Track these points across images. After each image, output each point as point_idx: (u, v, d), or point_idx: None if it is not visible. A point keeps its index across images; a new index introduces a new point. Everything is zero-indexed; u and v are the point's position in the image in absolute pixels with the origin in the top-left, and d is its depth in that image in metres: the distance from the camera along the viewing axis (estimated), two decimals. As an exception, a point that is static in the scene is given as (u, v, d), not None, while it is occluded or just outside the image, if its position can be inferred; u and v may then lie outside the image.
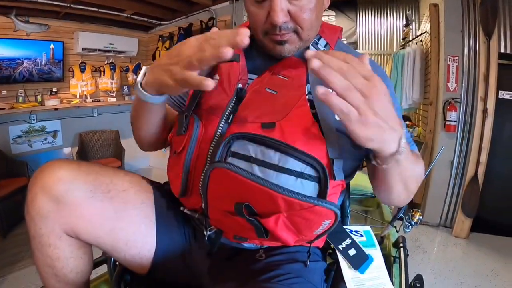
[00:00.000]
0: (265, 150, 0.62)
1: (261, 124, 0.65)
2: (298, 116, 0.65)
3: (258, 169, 0.62)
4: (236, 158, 0.63)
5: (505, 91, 2.87)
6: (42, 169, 0.71)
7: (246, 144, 0.64)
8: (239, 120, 0.68)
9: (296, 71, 0.72)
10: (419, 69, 3.41)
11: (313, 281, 0.69)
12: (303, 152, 0.61)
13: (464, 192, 2.96)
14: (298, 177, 0.61)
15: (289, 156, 0.61)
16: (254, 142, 0.63)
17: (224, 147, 0.64)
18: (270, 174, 0.61)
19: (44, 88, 3.84)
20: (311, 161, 0.61)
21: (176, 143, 0.74)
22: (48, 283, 0.78)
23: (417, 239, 2.98)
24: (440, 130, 3.06)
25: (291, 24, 0.68)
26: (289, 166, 0.61)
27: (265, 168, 0.61)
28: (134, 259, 0.77)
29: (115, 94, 4.50)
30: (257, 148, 0.63)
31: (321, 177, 0.62)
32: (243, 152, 0.63)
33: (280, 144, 0.61)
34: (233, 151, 0.64)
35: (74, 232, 0.72)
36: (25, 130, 3.80)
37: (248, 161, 0.62)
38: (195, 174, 0.70)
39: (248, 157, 0.63)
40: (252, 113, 0.67)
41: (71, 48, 4.03)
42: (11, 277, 2.32)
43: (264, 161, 0.62)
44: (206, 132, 0.70)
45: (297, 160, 0.61)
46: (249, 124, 0.66)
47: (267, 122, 0.65)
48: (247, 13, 0.74)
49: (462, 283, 2.35)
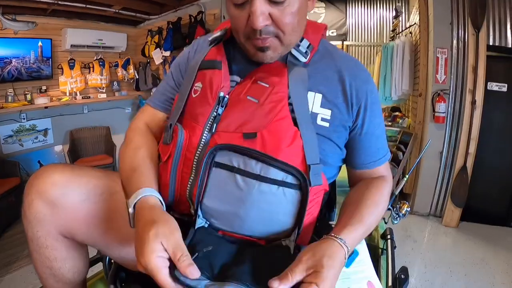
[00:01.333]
0: (247, 160, 0.65)
1: (243, 134, 0.67)
2: (279, 125, 0.67)
3: (241, 178, 0.64)
4: (220, 168, 0.66)
5: (494, 82, 2.91)
6: (37, 175, 0.73)
7: (229, 155, 0.66)
8: (222, 130, 0.69)
9: (277, 77, 0.72)
10: (409, 61, 3.44)
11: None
12: (284, 163, 0.63)
13: (453, 182, 3.01)
14: (280, 185, 0.64)
15: (270, 166, 0.64)
16: (237, 152, 0.65)
17: (208, 158, 0.66)
18: (252, 184, 0.64)
19: (33, 86, 3.80)
20: (292, 170, 0.64)
21: (162, 152, 0.75)
22: (47, 283, 0.81)
23: (408, 228, 3.03)
24: (429, 121, 3.10)
25: (272, 28, 0.67)
26: (271, 175, 0.64)
27: (247, 178, 0.64)
28: (129, 256, 0.79)
29: (105, 90, 4.47)
30: (240, 159, 0.65)
31: (302, 185, 0.65)
32: (226, 162, 0.66)
33: (261, 155, 0.64)
34: (216, 161, 0.66)
35: (70, 233, 0.74)
36: (15, 130, 3.77)
37: (231, 171, 0.65)
38: (182, 182, 0.71)
39: (231, 167, 0.65)
40: (234, 123, 0.69)
41: (60, 45, 3.99)
42: (7, 278, 2.32)
43: (246, 171, 0.64)
44: (190, 141, 0.71)
45: (278, 170, 0.64)
46: (231, 134, 0.68)
47: (248, 132, 0.67)
48: (229, 16, 0.73)
49: (452, 271, 2.40)
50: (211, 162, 0.66)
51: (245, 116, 0.69)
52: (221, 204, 0.66)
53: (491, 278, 2.31)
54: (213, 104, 0.72)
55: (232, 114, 0.70)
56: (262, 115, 0.68)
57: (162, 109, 0.89)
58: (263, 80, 0.72)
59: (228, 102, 0.72)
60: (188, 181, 0.70)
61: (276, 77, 0.72)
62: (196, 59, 0.81)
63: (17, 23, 3.57)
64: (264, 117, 0.67)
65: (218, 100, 0.72)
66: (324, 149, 0.73)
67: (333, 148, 0.76)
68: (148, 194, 0.65)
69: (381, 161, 0.82)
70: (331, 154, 0.76)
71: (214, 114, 0.71)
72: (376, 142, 0.80)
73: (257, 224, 0.65)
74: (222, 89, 0.73)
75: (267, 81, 0.72)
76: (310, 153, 0.66)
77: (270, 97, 0.69)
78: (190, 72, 0.80)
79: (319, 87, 0.74)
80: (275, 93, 0.70)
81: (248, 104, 0.70)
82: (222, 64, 0.76)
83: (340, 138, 0.76)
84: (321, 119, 0.73)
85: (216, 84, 0.74)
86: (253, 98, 0.70)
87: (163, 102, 0.89)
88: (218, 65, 0.76)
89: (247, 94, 0.71)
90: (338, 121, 0.74)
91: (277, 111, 0.68)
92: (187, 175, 0.70)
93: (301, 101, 0.70)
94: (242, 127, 0.68)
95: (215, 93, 0.73)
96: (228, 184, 0.65)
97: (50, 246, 0.75)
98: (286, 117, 0.67)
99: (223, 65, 0.76)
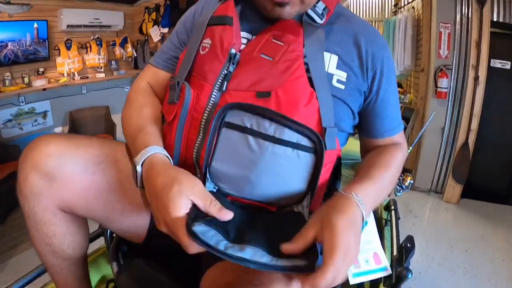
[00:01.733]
0: (260, 120, 0.61)
1: (256, 93, 0.63)
2: (294, 84, 0.63)
3: (253, 140, 0.61)
4: (230, 128, 0.62)
5: (497, 59, 2.87)
6: (30, 146, 0.69)
7: (240, 115, 0.62)
8: (233, 88, 0.66)
9: (293, 35, 0.68)
10: (411, 36, 3.37)
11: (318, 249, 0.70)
12: (299, 123, 0.60)
13: (455, 159, 3.01)
14: (294, 148, 0.61)
15: (285, 127, 0.61)
16: (249, 112, 0.62)
17: (218, 118, 0.62)
18: (265, 146, 0.61)
19: (30, 69, 3.74)
20: (307, 132, 0.61)
21: (167, 111, 0.71)
22: (46, 260, 0.79)
23: (409, 204, 3.05)
24: (431, 97, 3.07)
25: None
26: (285, 137, 0.61)
27: (260, 139, 0.61)
28: (130, 229, 0.78)
29: (103, 69, 4.41)
30: (252, 119, 0.61)
31: (317, 149, 0.62)
32: (237, 122, 0.62)
33: (276, 115, 0.60)
34: (227, 121, 0.63)
35: (68, 207, 0.71)
36: (14, 114, 3.73)
37: (243, 132, 0.62)
38: (188, 145, 0.68)
39: (243, 128, 0.62)
40: (247, 81, 0.65)
41: (55, 26, 3.90)
42: (12, 262, 2.35)
43: (259, 132, 0.61)
44: (198, 100, 0.67)
45: (293, 131, 0.61)
46: (243, 93, 0.64)
47: (262, 91, 0.63)
48: None
49: (453, 247, 2.43)
50: (221, 122, 0.63)
51: (258, 74, 0.65)
52: (231, 167, 0.63)
53: (491, 255, 2.34)
54: (224, 61, 0.68)
55: (245, 72, 0.66)
56: (277, 74, 0.64)
57: (164, 68, 0.85)
58: (278, 38, 0.68)
59: (240, 60, 0.68)
60: (195, 143, 0.67)
61: (292, 35, 0.68)
62: (205, 15, 0.76)
63: (12, 6, 3.46)
64: (279, 76, 0.64)
65: (229, 57, 0.68)
66: (339, 112, 0.70)
67: (347, 112, 0.73)
68: (157, 152, 0.62)
69: (396, 130, 0.79)
70: (344, 118, 0.73)
71: (224, 71, 0.67)
72: (392, 110, 0.77)
73: (269, 189, 0.63)
74: (234, 46, 0.69)
75: (282, 39, 0.68)
76: (326, 115, 0.64)
77: (286, 56, 0.66)
78: (198, 28, 0.75)
79: (335, 48, 0.71)
80: (291, 52, 0.66)
81: (262, 62, 0.66)
82: (234, 20, 0.72)
83: (355, 103, 0.73)
84: (336, 80, 0.70)
85: (227, 40, 0.69)
86: (267, 56, 0.66)
87: (165, 60, 0.85)
88: (229, 20, 0.71)
89: (261, 52, 0.67)
90: (353, 84, 0.71)
91: (293, 70, 0.64)
92: (194, 137, 0.67)
93: (318, 61, 0.67)
94: (255, 86, 0.64)
95: (225, 50, 0.68)
96: (239, 146, 0.62)
97: (48, 222, 0.72)
98: (302, 76, 0.64)
99: (235, 21, 0.72)
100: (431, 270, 2.20)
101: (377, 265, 0.67)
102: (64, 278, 0.81)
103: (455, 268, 2.21)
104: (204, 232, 0.51)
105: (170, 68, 0.84)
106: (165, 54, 0.85)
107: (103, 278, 1.13)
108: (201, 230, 0.51)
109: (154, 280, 0.79)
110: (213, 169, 0.64)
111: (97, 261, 1.12)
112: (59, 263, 0.79)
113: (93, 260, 1.10)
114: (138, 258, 0.86)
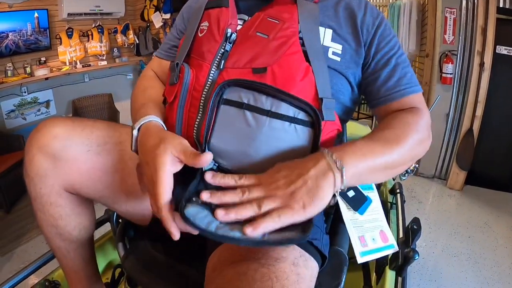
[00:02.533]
0: (257, 95, 0.61)
1: (252, 69, 0.64)
2: (290, 59, 0.64)
3: (250, 115, 0.61)
4: (228, 105, 0.63)
5: (503, 46, 2.82)
6: (37, 129, 0.71)
7: (238, 91, 0.63)
8: (230, 66, 0.67)
9: (288, 13, 0.70)
10: (416, 21, 3.33)
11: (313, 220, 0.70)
12: (295, 97, 0.60)
13: (459, 145, 2.99)
14: (291, 122, 0.61)
15: (281, 101, 0.61)
16: (246, 88, 0.63)
17: (216, 95, 0.63)
18: (262, 120, 0.61)
19: (32, 58, 3.73)
20: (304, 106, 0.61)
21: (168, 92, 0.73)
22: (53, 243, 0.80)
23: (413, 189, 3.05)
24: (436, 82, 3.05)
25: None
26: (282, 111, 0.61)
27: (257, 114, 0.61)
28: (135, 210, 0.78)
29: (105, 57, 4.39)
30: (249, 94, 0.62)
31: (314, 122, 0.62)
32: (235, 98, 0.63)
33: (272, 89, 0.61)
34: (225, 98, 0.64)
35: (74, 188, 0.72)
36: (17, 104, 3.73)
37: (240, 108, 0.62)
38: (189, 123, 0.69)
39: (240, 103, 0.62)
40: (243, 58, 0.66)
41: (56, 15, 3.87)
42: (19, 250, 2.37)
43: (256, 107, 0.61)
44: (197, 79, 0.69)
45: (289, 105, 0.61)
46: (240, 70, 0.66)
47: (258, 67, 0.64)
48: None
49: (456, 233, 2.44)
50: (219, 99, 0.64)
51: (254, 51, 0.66)
52: (229, 143, 0.63)
53: (494, 242, 2.35)
54: (220, 41, 0.69)
55: (241, 50, 0.68)
56: (272, 50, 0.65)
57: (167, 57, 0.88)
58: (273, 17, 0.70)
59: (237, 39, 0.70)
60: (195, 121, 0.67)
61: (287, 13, 0.70)
62: (202, 1, 0.78)
63: (11, -4, 3.46)
64: (274, 52, 0.65)
65: (226, 36, 0.69)
66: (336, 83, 0.70)
67: (345, 84, 0.73)
68: (154, 120, 0.66)
69: (407, 91, 0.73)
70: (342, 90, 0.73)
71: (221, 50, 0.69)
72: (396, 71, 0.74)
73: (267, 163, 0.62)
74: (230, 26, 0.71)
75: (277, 17, 0.69)
76: (322, 86, 0.64)
77: (281, 32, 0.67)
78: (195, 13, 0.78)
79: (329, 22, 0.73)
80: (286, 29, 0.67)
81: (258, 39, 0.67)
82: (229, 1, 0.74)
83: (352, 75, 0.74)
84: (332, 53, 0.71)
85: (223, 21, 0.71)
86: (262, 34, 0.68)
87: (166, 50, 0.88)
88: (225, 3, 0.73)
89: (256, 30, 0.69)
90: (349, 56, 0.72)
91: (288, 45, 0.65)
92: (194, 115, 0.68)
93: (313, 35, 0.68)
94: (251, 63, 0.65)
95: (222, 30, 0.70)
96: (237, 121, 0.62)
97: (54, 203, 0.73)
98: (297, 52, 0.65)
99: (230, 2, 0.74)
100: (434, 256, 2.21)
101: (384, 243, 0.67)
102: (71, 260, 0.82)
103: (458, 254, 2.22)
104: (196, 213, 0.52)
105: (171, 57, 0.87)
106: (167, 45, 0.89)
107: (109, 263, 1.14)
108: (193, 212, 0.52)
109: (160, 262, 0.80)
110: (212, 145, 0.65)
111: (103, 247, 1.14)
112: (65, 245, 0.80)
113: (99, 246, 1.11)
114: (144, 241, 0.86)
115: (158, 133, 0.61)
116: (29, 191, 0.74)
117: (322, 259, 0.67)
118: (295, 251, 0.59)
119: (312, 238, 0.65)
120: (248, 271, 0.53)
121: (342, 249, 0.73)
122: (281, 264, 0.55)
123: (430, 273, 2.05)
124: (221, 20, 0.71)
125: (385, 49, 0.74)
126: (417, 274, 2.03)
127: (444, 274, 2.04)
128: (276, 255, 0.56)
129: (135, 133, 0.65)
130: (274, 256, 0.56)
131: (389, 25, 0.77)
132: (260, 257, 0.55)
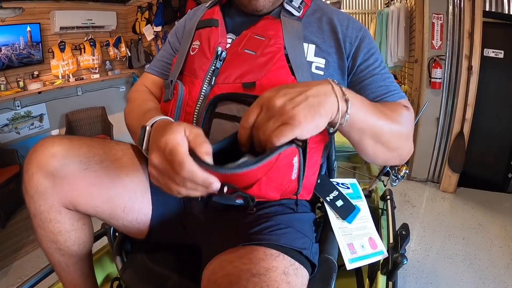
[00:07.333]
0: (246, 108, 0.62)
1: (242, 84, 0.68)
2: (277, 73, 0.68)
3: None
4: (220, 118, 0.67)
5: (490, 49, 2.88)
6: (35, 148, 0.71)
7: (228, 104, 0.67)
8: (221, 82, 0.71)
9: (272, 30, 0.74)
10: (404, 27, 3.40)
11: (303, 231, 0.72)
12: None
13: (450, 148, 3.03)
14: None
15: None
16: (237, 101, 0.66)
17: (208, 109, 0.67)
18: None
19: (25, 72, 3.74)
20: None
21: (163, 109, 0.76)
22: (53, 258, 0.81)
23: (406, 194, 3.08)
24: (426, 88, 3.10)
25: None
26: None
27: None
28: (132, 224, 0.80)
29: (98, 70, 4.42)
30: (239, 107, 0.66)
31: None
32: (227, 112, 0.67)
33: None
34: (217, 112, 0.67)
35: (73, 204, 0.73)
36: (10, 118, 3.72)
37: (232, 121, 0.66)
38: None
39: (231, 116, 0.66)
40: (233, 74, 0.70)
41: (48, 28, 3.90)
42: (15, 265, 2.35)
43: None
44: (190, 95, 0.73)
45: None
46: (230, 85, 0.70)
47: (247, 82, 0.68)
48: None
49: (451, 235, 2.46)
50: (211, 113, 0.67)
51: (243, 67, 0.71)
52: None
53: (489, 242, 2.37)
54: (211, 59, 0.74)
55: (231, 67, 0.72)
56: (260, 65, 0.70)
57: (160, 74, 0.91)
58: (259, 34, 0.74)
59: (226, 57, 0.74)
60: None
61: (272, 30, 0.75)
62: (193, 21, 0.84)
63: (4, 10, 3.46)
64: (262, 67, 0.69)
65: (216, 54, 0.74)
66: None
67: None
68: (166, 118, 0.64)
69: (395, 96, 0.76)
70: None
71: (212, 68, 0.73)
72: (384, 79, 0.76)
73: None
74: (220, 44, 0.76)
75: (263, 35, 0.74)
76: None
77: (267, 49, 0.72)
78: (187, 33, 0.83)
79: (313, 38, 0.77)
80: (272, 45, 0.72)
81: (246, 56, 0.72)
82: (219, 22, 0.79)
83: None
84: (315, 67, 0.74)
85: (214, 40, 0.76)
86: (250, 50, 0.72)
87: (160, 68, 0.91)
88: (215, 23, 0.79)
89: (244, 48, 0.73)
90: (333, 69, 0.76)
91: (275, 61, 0.70)
92: None
93: (297, 51, 0.73)
94: (241, 78, 0.70)
95: (212, 48, 0.75)
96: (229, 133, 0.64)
97: (53, 220, 0.74)
98: (283, 66, 0.70)
99: (220, 22, 0.79)
100: (429, 259, 2.22)
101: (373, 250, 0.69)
102: (71, 274, 0.83)
103: (453, 256, 2.23)
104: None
105: (165, 75, 0.90)
106: (159, 62, 0.92)
107: (107, 276, 1.15)
108: None
109: (157, 274, 0.81)
110: None
111: (101, 261, 1.14)
112: (65, 260, 0.81)
113: (97, 259, 1.12)
114: (141, 254, 0.87)
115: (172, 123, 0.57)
116: (28, 208, 0.74)
117: (312, 267, 0.69)
118: (285, 260, 0.62)
119: (302, 247, 0.67)
120: (240, 281, 0.55)
121: (331, 257, 0.74)
122: (272, 274, 0.57)
123: (426, 276, 2.06)
124: (211, 38, 0.76)
125: (369, 61, 0.77)
126: (413, 277, 2.05)
127: (440, 277, 2.05)
128: (267, 265, 0.58)
129: (148, 128, 0.62)
130: (265, 266, 0.58)
131: (371, 38, 0.81)
132: (252, 267, 0.57)
